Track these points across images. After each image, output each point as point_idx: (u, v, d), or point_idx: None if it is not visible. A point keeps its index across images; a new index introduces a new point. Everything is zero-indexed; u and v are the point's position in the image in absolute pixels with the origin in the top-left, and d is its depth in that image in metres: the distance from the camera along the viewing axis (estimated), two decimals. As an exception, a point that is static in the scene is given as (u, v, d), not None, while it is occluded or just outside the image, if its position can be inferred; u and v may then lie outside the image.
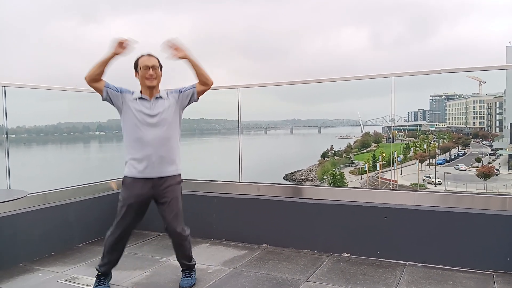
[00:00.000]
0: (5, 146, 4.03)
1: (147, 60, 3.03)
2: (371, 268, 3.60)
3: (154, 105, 3.05)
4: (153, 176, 3.03)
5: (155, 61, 3.05)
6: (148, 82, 3.01)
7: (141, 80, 3.04)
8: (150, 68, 3.01)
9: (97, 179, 4.91)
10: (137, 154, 3.02)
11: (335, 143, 42.37)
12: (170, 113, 3.09)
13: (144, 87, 3.05)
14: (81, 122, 6.43)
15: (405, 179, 32.83)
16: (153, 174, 3.03)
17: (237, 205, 4.51)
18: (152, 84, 3.02)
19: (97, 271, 3.18)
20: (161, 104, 3.07)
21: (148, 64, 3.01)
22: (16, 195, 3.06)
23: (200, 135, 8.01)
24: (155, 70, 3.03)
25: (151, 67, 3.01)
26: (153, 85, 3.03)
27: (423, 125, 45.98)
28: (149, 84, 3.02)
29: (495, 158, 35.68)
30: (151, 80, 3.01)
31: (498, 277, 3.30)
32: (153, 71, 3.02)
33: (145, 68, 3.00)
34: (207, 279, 3.44)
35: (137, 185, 3.03)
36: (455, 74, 4.18)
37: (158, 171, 3.04)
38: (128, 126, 3.05)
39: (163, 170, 3.05)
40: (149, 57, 3.05)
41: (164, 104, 3.08)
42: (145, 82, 3.02)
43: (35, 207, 4.08)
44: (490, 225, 3.47)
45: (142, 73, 3.01)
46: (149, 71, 3.00)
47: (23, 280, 3.48)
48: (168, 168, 3.08)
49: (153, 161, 3.01)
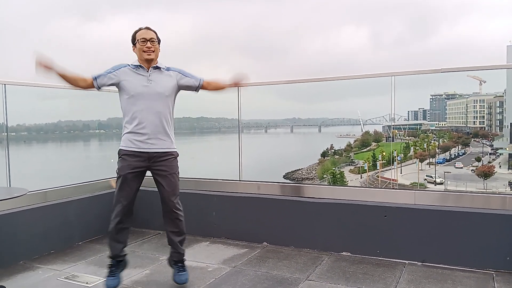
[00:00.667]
0: (5, 144, 4.03)
1: (144, 33, 3.02)
2: (371, 267, 3.60)
3: (151, 75, 3.02)
4: (148, 150, 3.00)
5: (153, 34, 3.04)
6: (146, 55, 2.99)
7: (139, 53, 3.02)
8: (148, 41, 2.99)
9: (97, 177, 4.91)
10: (132, 127, 2.99)
11: (335, 142, 42.37)
12: (167, 88, 3.05)
13: (142, 60, 3.03)
14: (81, 120, 6.43)
15: (405, 178, 32.83)
16: (148, 147, 3.00)
17: (237, 204, 4.51)
18: (150, 57, 3.00)
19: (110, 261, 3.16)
20: (158, 76, 3.04)
21: (146, 37, 2.99)
22: (16, 193, 3.05)
23: (200, 133, 8.01)
24: (153, 43, 3.01)
25: (149, 40, 2.99)
26: (151, 58, 3.01)
27: (423, 124, 45.95)
28: (147, 57, 2.99)
29: (495, 157, 35.67)
30: (148, 52, 2.99)
31: (498, 276, 3.30)
32: (151, 44, 3.00)
33: (142, 41, 2.99)
34: (206, 277, 3.44)
35: (132, 158, 3.00)
36: (455, 73, 4.17)
37: (153, 145, 3.00)
38: (124, 99, 3.02)
39: (158, 144, 3.02)
40: (146, 30, 3.04)
41: (161, 77, 3.05)
42: (142, 55, 2.99)
43: (35, 205, 4.08)
44: (490, 224, 3.47)
45: (140, 46, 2.99)
46: (147, 44, 2.99)
47: (23, 278, 3.49)
48: (164, 143, 3.05)
49: (149, 134, 2.98)
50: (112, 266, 3.16)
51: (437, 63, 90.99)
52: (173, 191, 3.09)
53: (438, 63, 64.99)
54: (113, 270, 3.15)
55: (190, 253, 4.07)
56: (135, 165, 3.00)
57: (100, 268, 3.68)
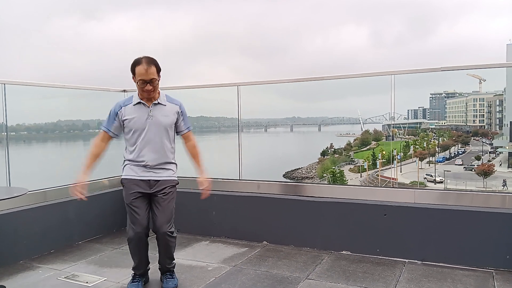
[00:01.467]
0: (5, 143, 4.03)
1: (144, 73, 2.88)
2: (371, 265, 3.61)
3: (151, 111, 3.04)
4: (149, 178, 3.06)
5: (152, 73, 2.90)
6: (146, 95, 2.99)
7: (139, 90, 3.01)
8: (147, 83, 2.90)
9: (97, 176, 4.90)
10: (133, 157, 3.06)
11: (335, 141, 42.34)
12: (167, 123, 3.09)
13: (142, 92, 3.00)
14: (80, 119, 6.42)
15: (405, 177, 32.84)
16: (149, 176, 3.06)
17: (237, 203, 4.51)
18: (150, 96, 3.01)
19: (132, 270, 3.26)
20: (158, 111, 3.06)
21: (146, 79, 2.89)
22: (16, 192, 3.06)
23: (199, 132, 8.00)
24: (152, 83, 2.92)
25: (149, 81, 2.90)
26: (151, 97, 3.02)
27: (423, 123, 45.92)
28: (147, 96, 3.01)
29: (495, 156, 35.68)
30: (148, 93, 2.97)
31: (497, 275, 3.31)
32: (151, 85, 2.92)
33: (142, 83, 2.91)
34: (206, 276, 3.44)
35: (134, 186, 3.06)
36: (455, 72, 4.17)
37: (154, 173, 3.07)
38: (126, 132, 3.08)
39: (159, 172, 3.09)
40: (146, 69, 2.87)
41: (162, 111, 3.08)
42: (143, 94, 3.00)
43: (35, 204, 4.08)
44: (489, 223, 3.48)
45: (140, 86, 2.95)
46: (147, 87, 2.91)
47: (23, 277, 3.49)
48: (165, 172, 3.11)
49: (150, 165, 3.05)
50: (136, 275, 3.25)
51: (437, 62, 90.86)
52: (166, 218, 3.10)
53: (438, 62, 64.80)
54: (136, 277, 3.24)
55: (190, 252, 4.08)
56: (138, 189, 3.06)
57: (100, 268, 3.69)
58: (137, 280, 3.21)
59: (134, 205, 3.05)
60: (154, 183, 3.07)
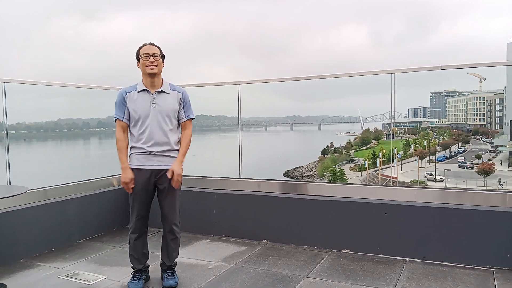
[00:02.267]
0: (5, 142, 4.03)
1: (148, 48, 3.09)
2: (371, 264, 3.61)
3: (155, 99, 3.09)
4: (154, 167, 3.09)
5: (156, 49, 3.11)
6: (149, 69, 3.05)
7: (142, 68, 3.09)
8: (150, 56, 3.05)
9: (97, 175, 4.91)
10: (138, 146, 3.09)
11: (335, 139, 42.28)
12: (171, 110, 3.13)
13: (145, 75, 3.09)
14: (81, 118, 6.42)
15: (405, 175, 32.81)
16: (154, 164, 3.09)
17: (237, 202, 4.51)
18: (153, 71, 3.05)
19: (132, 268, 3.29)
20: (162, 99, 3.11)
21: (149, 52, 3.06)
22: (16, 191, 3.06)
23: (200, 131, 8.00)
24: (156, 58, 3.07)
25: (152, 55, 3.06)
26: (154, 72, 3.06)
27: (423, 121, 45.88)
28: (150, 71, 3.05)
29: (495, 155, 35.66)
30: (151, 67, 3.05)
31: (498, 273, 3.31)
32: (154, 58, 3.06)
33: (146, 56, 3.06)
34: (207, 275, 3.44)
35: (139, 174, 3.09)
36: (455, 71, 4.17)
37: (159, 162, 3.10)
38: (131, 119, 3.11)
39: (164, 161, 3.11)
40: (150, 45, 3.11)
41: (165, 99, 3.13)
42: (146, 69, 3.06)
43: (35, 203, 4.08)
44: (490, 221, 3.47)
45: (143, 61, 3.06)
46: (150, 59, 3.05)
47: (24, 276, 3.49)
48: (170, 159, 3.13)
49: (154, 153, 3.08)
50: (136, 272, 3.26)
51: (437, 61, 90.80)
52: (172, 208, 3.17)
53: (438, 61, 64.81)
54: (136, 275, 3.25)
55: (190, 250, 4.08)
56: (142, 180, 3.09)
57: (100, 266, 3.69)
58: (137, 278, 3.22)
59: (138, 197, 3.10)
60: (159, 172, 3.10)
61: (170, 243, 3.25)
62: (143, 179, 3.09)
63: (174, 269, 3.34)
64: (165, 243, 3.27)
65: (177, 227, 3.21)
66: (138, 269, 3.26)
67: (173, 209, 3.17)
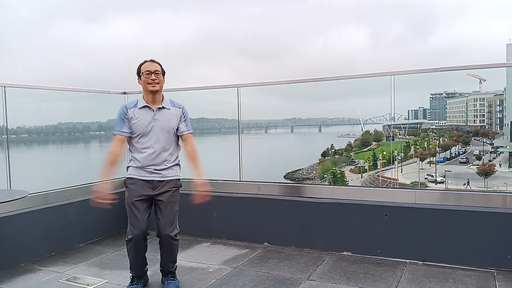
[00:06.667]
0: (5, 146, 4.03)
1: (149, 65, 3.08)
2: (372, 266, 3.60)
3: (156, 115, 3.09)
4: (153, 179, 3.09)
5: (157, 66, 3.10)
6: (150, 87, 3.05)
7: (144, 85, 3.08)
8: (152, 73, 3.04)
9: (98, 179, 4.90)
10: (138, 159, 3.09)
11: (336, 141, 42.29)
12: (171, 126, 3.14)
13: (147, 92, 3.09)
14: (81, 122, 6.42)
15: (405, 177, 32.81)
16: (153, 177, 3.08)
17: (238, 204, 4.51)
18: (154, 88, 3.05)
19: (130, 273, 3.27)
20: (163, 115, 3.12)
21: (150, 69, 3.05)
22: (16, 195, 3.06)
23: (200, 134, 8.00)
24: (157, 75, 3.06)
25: (153, 72, 3.05)
26: (156, 89, 3.06)
27: (424, 123, 45.94)
28: (152, 88, 3.05)
29: (495, 156, 35.65)
30: (153, 84, 3.05)
31: (499, 275, 3.30)
32: (155, 76, 3.05)
33: (147, 73, 3.04)
34: (208, 278, 3.44)
35: (137, 186, 3.09)
36: (455, 72, 4.18)
37: (158, 175, 3.09)
38: (133, 134, 3.11)
39: (162, 173, 3.11)
40: (151, 62, 3.10)
41: (166, 115, 3.13)
42: (147, 86, 3.05)
43: (36, 207, 4.08)
44: (490, 223, 3.47)
45: (144, 78, 3.05)
46: (151, 76, 3.04)
47: (24, 280, 3.49)
48: (168, 171, 3.13)
49: (153, 166, 3.07)
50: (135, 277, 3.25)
51: (437, 63, 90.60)
52: (170, 222, 3.13)
53: (438, 63, 64.60)
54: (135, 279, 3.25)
55: (191, 254, 4.08)
56: (140, 192, 3.08)
57: (101, 270, 3.69)
58: (135, 282, 3.22)
59: (135, 207, 3.06)
60: (158, 184, 3.09)
61: (167, 253, 3.23)
62: (140, 190, 3.07)
63: (174, 272, 3.33)
64: (163, 253, 3.24)
65: (174, 240, 3.15)
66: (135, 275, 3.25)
67: (170, 222, 3.12)
